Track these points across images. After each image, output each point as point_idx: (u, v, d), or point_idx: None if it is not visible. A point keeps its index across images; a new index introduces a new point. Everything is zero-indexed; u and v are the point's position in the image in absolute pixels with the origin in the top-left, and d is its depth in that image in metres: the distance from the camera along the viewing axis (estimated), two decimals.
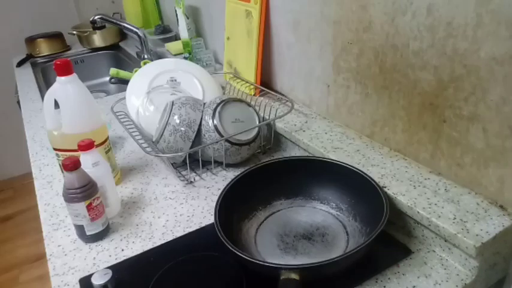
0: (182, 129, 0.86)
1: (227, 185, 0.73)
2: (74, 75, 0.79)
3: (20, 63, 1.96)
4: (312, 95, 0.99)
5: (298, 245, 0.68)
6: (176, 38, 1.76)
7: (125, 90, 1.07)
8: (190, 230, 0.75)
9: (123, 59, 1.98)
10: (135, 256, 0.70)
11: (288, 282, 0.55)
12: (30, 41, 2.00)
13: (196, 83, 1.07)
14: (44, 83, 1.73)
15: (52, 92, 0.80)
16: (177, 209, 0.81)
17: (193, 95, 1.04)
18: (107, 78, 1.96)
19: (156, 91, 1.03)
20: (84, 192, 0.69)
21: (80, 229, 0.73)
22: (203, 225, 0.76)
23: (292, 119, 0.97)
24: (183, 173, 0.92)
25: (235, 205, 0.72)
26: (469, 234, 0.59)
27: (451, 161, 0.69)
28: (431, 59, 0.66)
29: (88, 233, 0.73)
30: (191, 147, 0.87)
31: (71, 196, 0.69)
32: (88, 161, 0.73)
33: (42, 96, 1.47)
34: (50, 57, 2.00)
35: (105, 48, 2.05)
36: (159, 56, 1.69)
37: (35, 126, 1.25)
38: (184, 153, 0.87)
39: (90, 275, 0.63)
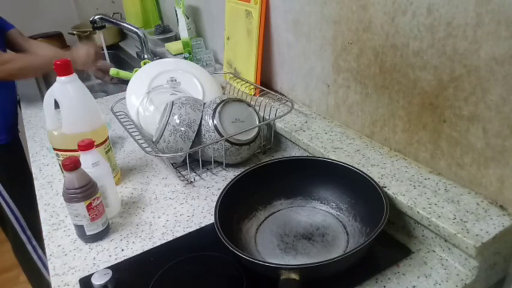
0: (182, 129, 0.86)
1: (227, 185, 0.73)
2: (74, 75, 0.79)
3: None
4: (312, 95, 0.99)
5: (298, 245, 0.68)
6: (176, 38, 1.76)
7: (125, 90, 1.07)
8: (190, 230, 0.75)
9: (123, 59, 1.98)
10: (135, 256, 0.70)
11: (288, 282, 0.55)
12: None
13: (196, 83, 1.07)
14: (44, 83, 1.73)
15: (52, 92, 0.80)
16: (177, 209, 0.81)
17: (193, 95, 1.04)
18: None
19: (156, 91, 1.03)
20: (84, 192, 0.69)
21: (80, 229, 0.73)
22: (203, 225, 0.76)
23: (292, 119, 0.97)
24: (183, 173, 0.92)
25: (235, 205, 0.72)
26: (469, 234, 0.59)
27: (451, 161, 0.69)
28: (431, 59, 0.66)
29: (88, 233, 0.73)
30: (191, 147, 0.87)
31: (71, 196, 0.69)
32: (88, 161, 0.73)
33: (42, 96, 1.46)
34: None
35: None
36: (159, 56, 1.69)
37: (35, 126, 1.25)
38: (184, 153, 0.87)
39: (90, 275, 0.63)
